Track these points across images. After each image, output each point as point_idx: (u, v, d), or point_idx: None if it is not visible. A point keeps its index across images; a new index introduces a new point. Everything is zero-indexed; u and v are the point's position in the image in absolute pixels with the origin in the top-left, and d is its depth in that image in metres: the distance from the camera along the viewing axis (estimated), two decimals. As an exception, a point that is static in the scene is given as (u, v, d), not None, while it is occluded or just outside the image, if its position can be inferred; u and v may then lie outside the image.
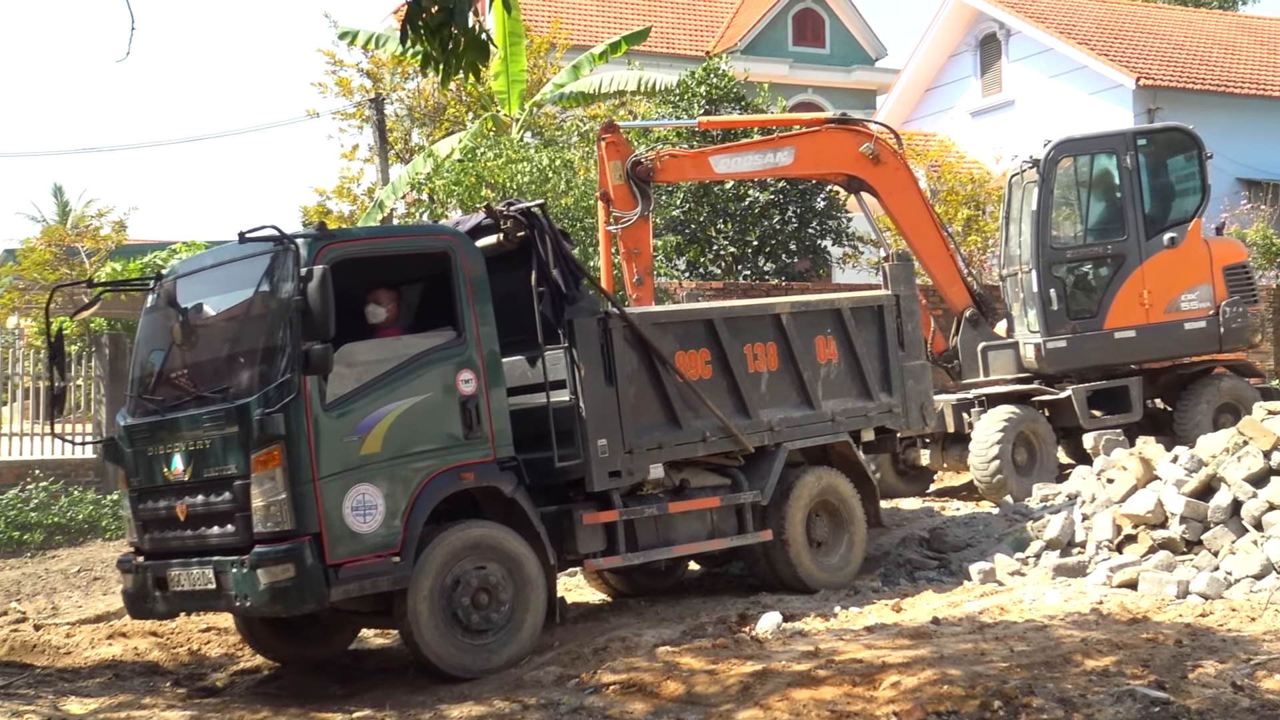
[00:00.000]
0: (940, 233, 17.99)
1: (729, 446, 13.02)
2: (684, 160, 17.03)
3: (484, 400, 11.01)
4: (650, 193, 16.10)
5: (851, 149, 17.19)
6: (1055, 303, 17.52)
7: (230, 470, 10.28)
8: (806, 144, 17.25)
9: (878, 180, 17.33)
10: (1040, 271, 17.58)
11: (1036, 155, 17.79)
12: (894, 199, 17.52)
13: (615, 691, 9.52)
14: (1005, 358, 17.93)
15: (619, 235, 15.75)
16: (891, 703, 8.30)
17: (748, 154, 17.13)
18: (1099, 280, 17.88)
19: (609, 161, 15.78)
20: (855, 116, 18.97)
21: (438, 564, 10.57)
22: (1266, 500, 12.24)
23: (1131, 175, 17.86)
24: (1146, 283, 17.72)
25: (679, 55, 39.84)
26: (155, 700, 11.03)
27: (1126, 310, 17.71)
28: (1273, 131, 33.00)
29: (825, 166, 17.66)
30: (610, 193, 15.73)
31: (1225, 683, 8.40)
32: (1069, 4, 37.93)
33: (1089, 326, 17.66)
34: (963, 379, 18.13)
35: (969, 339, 18.01)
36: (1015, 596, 12.19)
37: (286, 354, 10.08)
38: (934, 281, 18.16)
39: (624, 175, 15.74)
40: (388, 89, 32.59)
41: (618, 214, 15.73)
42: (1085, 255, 17.99)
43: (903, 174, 17.55)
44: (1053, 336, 17.50)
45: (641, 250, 15.80)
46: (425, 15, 8.58)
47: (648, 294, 15.69)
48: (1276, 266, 29.30)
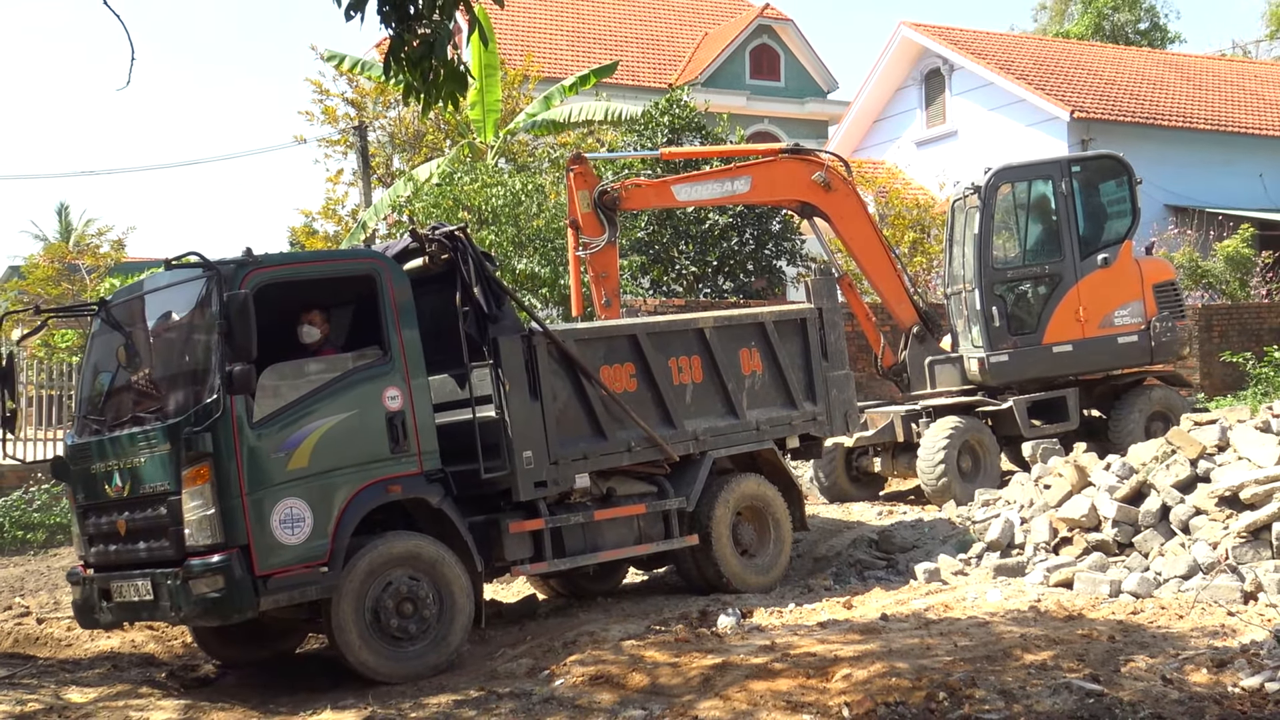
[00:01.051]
0: (888, 254, 18.03)
1: (655, 456, 12.92)
2: (647, 189, 17.04)
3: (410, 416, 10.87)
4: (616, 220, 16.07)
5: (804, 177, 17.20)
6: (997, 319, 17.56)
7: (164, 487, 10.20)
8: (762, 173, 17.27)
9: (829, 206, 17.35)
10: (983, 290, 17.61)
11: (978, 182, 17.84)
12: (844, 223, 17.54)
13: (584, 682, 9.49)
14: (950, 371, 17.97)
15: (588, 260, 15.70)
16: (843, 694, 8.28)
17: (707, 183, 17.10)
18: (1037, 298, 17.93)
19: (577, 191, 15.74)
20: (808, 146, 18.98)
21: (364, 574, 10.45)
22: (1193, 505, 12.27)
23: (1067, 200, 17.92)
24: (1082, 300, 17.77)
25: (644, 87, 39.83)
26: (151, 690, 10.99)
27: (1064, 326, 17.75)
28: (1198, 162, 33.20)
29: (780, 194, 17.67)
30: (579, 220, 15.70)
31: (1155, 676, 8.42)
32: (1008, 41, 38.22)
33: (1028, 341, 17.71)
34: (911, 391, 18.16)
35: (916, 353, 18.05)
36: (959, 595, 12.20)
37: (213, 375, 10.01)
38: (882, 299, 18.18)
39: (591, 204, 15.71)
40: (371, 117, 32.57)
41: (586, 240, 15.70)
42: (1024, 275, 18.04)
43: (852, 200, 17.57)
44: (995, 351, 17.54)
45: (609, 274, 15.76)
46: (407, 48, 8.55)
47: (615, 314, 15.63)
48: (1201, 287, 29.48)
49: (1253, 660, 8.64)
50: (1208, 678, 8.38)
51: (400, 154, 33.24)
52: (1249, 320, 26.83)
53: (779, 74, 45.20)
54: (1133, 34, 51.49)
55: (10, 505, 19.21)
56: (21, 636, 13.45)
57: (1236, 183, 33.44)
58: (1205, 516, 12.12)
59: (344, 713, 9.40)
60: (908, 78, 37.38)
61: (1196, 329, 25.39)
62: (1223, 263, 29.93)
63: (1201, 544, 11.83)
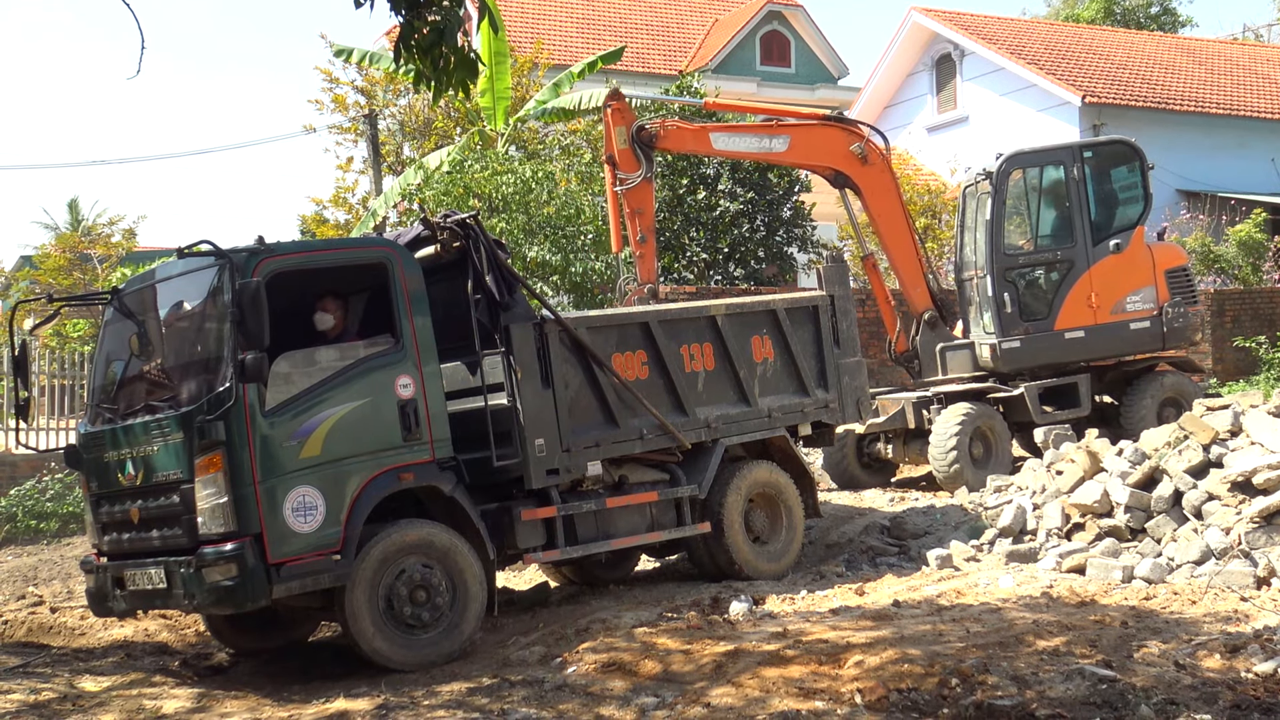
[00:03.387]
0: (913, 237, 17.99)
1: (667, 443, 12.92)
2: (685, 132, 16.93)
3: (422, 404, 10.88)
4: (653, 157, 16.13)
5: (842, 146, 17.24)
6: (1009, 306, 17.53)
7: (176, 475, 10.23)
8: (801, 135, 17.25)
9: (863, 179, 17.36)
10: (994, 277, 17.57)
11: (989, 167, 17.80)
12: (875, 198, 17.53)
13: (596, 670, 9.50)
14: (962, 357, 17.94)
15: (624, 196, 15.79)
16: (855, 680, 8.29)
17: (746, 136, 17.11)
18: (1049, 284, 17.89)
19: (614, 127, 15.83)
20: (850, 117, 18.84)
21: (377, 561, 10.48)
22: (1206, 491, 12.26)
23: (1078, 185, 17.86)
24: (1094, 286, 17.75)
25: (654, 74, 39.75)
26: (165, 679, 11.01)
27: (1076, 312, 17.74)
28: (1210, 146, 33.16)
29: (815, 159, 17.62)
30: (615, 156, 15.79)
31: (1168, 662, 8.42)
32: (1019, 26, 38.14)
33: (1040, 328, 17.67)
34: (921, 377, 18.13)
35: (928, 340, 18.02)
36: (971, 581, 12.20)
37: (225, 363, 10.03)
38: (900, 281, 18.13)
39: (628, 140, 15.80)
40: (381, 105, 32.51)
41: (623, 176, 15.78)
42: (1036, 261, 17.99)
43: (886, 177, 17.56)
44: (1007, 337, 17.51)
45: (644, 210, 15.89)
46: (417, 36, 8.54)
47: (650, 250, 15.74)
48: (1214, 272, 29.43)
49: (1266, 645, 8.64)
50: (1221, 663, 8.38)
51: (410, 142, 33.18)
52: (1261, 305, 26.78)
53: (789, 60, 45.12)
54: (1144, 18, 51.30)
55: (24, 494, 19.29)
56: (35, 626, 13.48)
57: (1249, 167, 33.39)
58: (1218, 502, 12.11)
59: (357, 701, 9.40)
60: (918, 63, 37.36)
61: (1209, 314, 25.36)
62: (1235, 247, 29.87)
63: (1214, 529, 11.82)
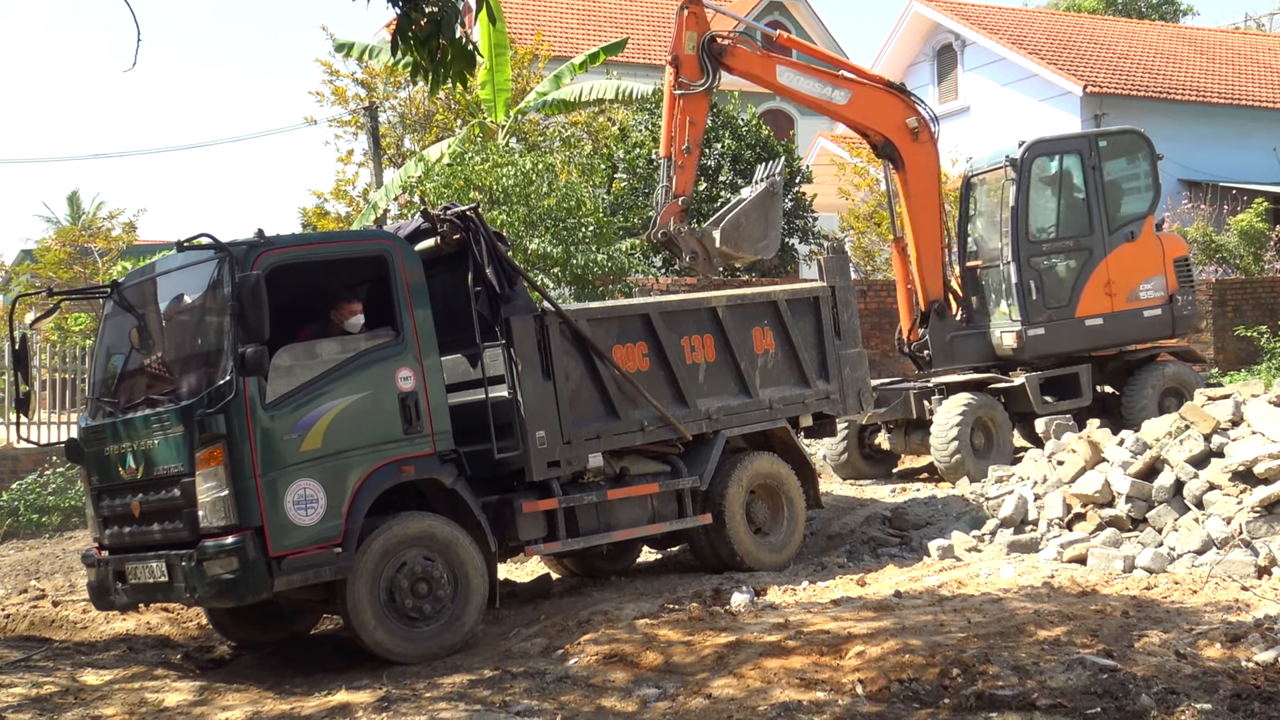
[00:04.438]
0: (941, 224, 17.92)
1: (668, 435, 12.93)
2: (754, 57, 16.73)
3: (423, 396, 10.88)
4: (718, 72, 16.04)
5: (899, 116, 17.23)
6: (1034, 293, 17.54)
7: (177, 468, 10.23)
8: (863, 94, 17.24)
9: (910, 155, 17.34)
10: (1020, 264, 17.59)
11: (1012, 154, 17.78)
12: (917, 178, 17.47)
13: (598, 661, 9.51)
14: (973, 345, 17.92)
15: (680, 102, 15.74)
16: (857, 671, 8.30)
17: (810, 78, 17.06)
18: (1069, 272, 17.89)
19: (686, 30, 15.77)
20: (912, 91, 18.70)
21: (378, 554, 10.48)
22: (1207, 480, 12.27)
23: (1095, 174, 17.91)
24: (1110, 274, 17.84)
25: (655, 65, 39.57)
26: (167, 672, 11.04)
27: (1094, 300, 17.81)
28: (1212, 136, 33.08)
29: (871, 121, 17.47)
30: (680, 59, 15.74)
31: (1169, 651, 8.41)
32: (1020, 16, 38.08)
33: (1062, 315, 17.70)
34: (933, 367, 18.02)
35: (938, 329, 17.92)
36: (972, 571, 12.21)
37: (226, 357, 10.03)
38: (919, 265, 17.91)
39: (697, 47, 15.74)
40: (381, 98, 32.53)
41: (685, 80, 15.74)
42: (1057, 249, 17.97)
43: (932, 158, 17.52)
44: (1032, 324, 17.54)
45: (697, 120, 15.85)
46: (415, 27, 8.53)
47: (691, 163, 15.75)
48: (1215, 262, 29.41)
49: (1267, 635, 8.63)
50: (1222, 652, 8.37)
51: (411, 134, 33.22)
52: (1263, 295, 26.75)
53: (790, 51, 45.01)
54: (1145, 7, 51.27)
55: (25, 488, 19.29)
56: (37, 619, 13.51)
57: (1251, 157, 33.31)
58: (1219, 491, 12.12)
59: (359, 693, 9.42)
60: (920, 54, 37.25)
61: (1210, 304, 25.37)
62: (1237, 237, 29.84)
63: (1215, 519, 11.82)
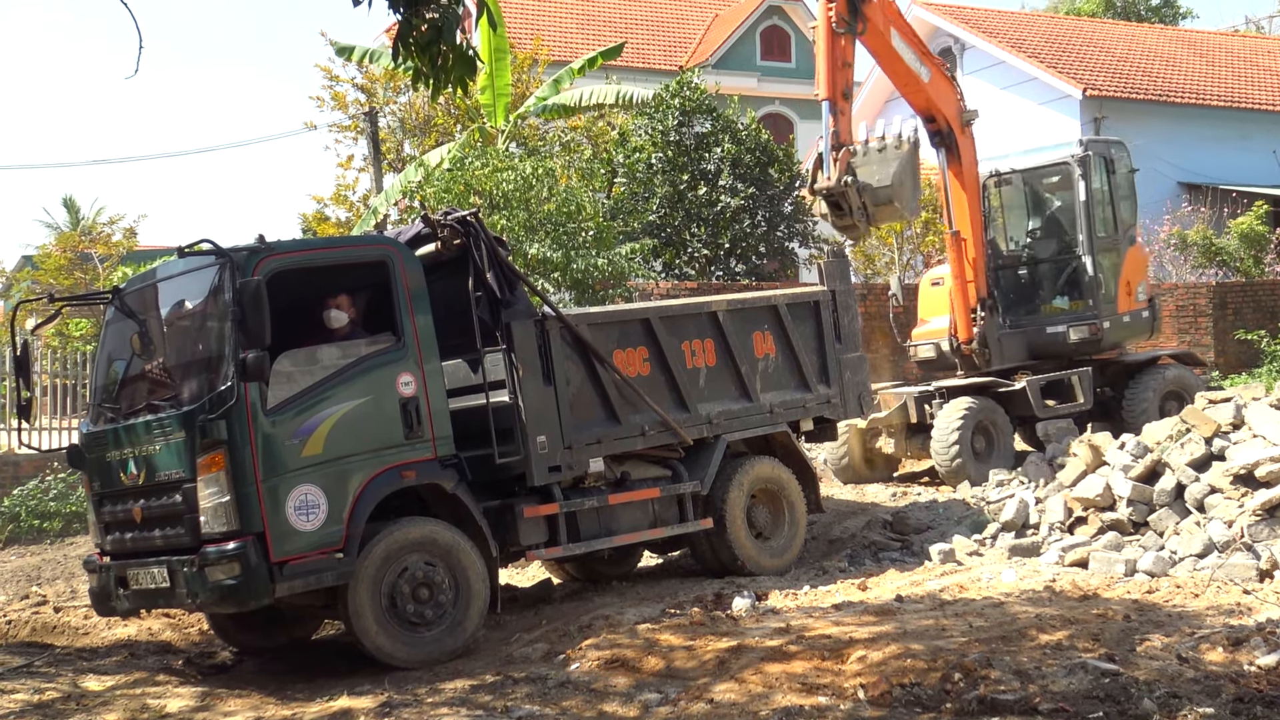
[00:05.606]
0: (981, 218, 18.01)
1: (668, 439, 12.92)
2: (890, 7, 16.79)
3: (424, 401, 10.87)
4: (859, 20, 16.01)
5: (957, 104, 17.46)
6: (1104, 287, 17.87)
7: (179, 474, 10.22)
8: (940, 77, 17.43)
9: (963, 144, 17.54)
10: (1094, 257, 17.84)
11: (1076, 152, 18.04)
12: (969, 169, 17.63)
13: (599, 666, 9.51)
14: (1018, 342, 17.95)
15: (839, 41, 15.80)
16: (858, 675, 8.30)
17: (909, 49, 17.07)
18: (1113, 269, 18.17)
19: None
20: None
21: (379, 559, 10.48)
22: (1208, 484, 12.28)
23: (1126, 176, 18.29)
24: (1127, 274, 18.20)
25: (654, 70, 39.80)
26: (168, 677, 11.01)
27: (1124, 297, 18.16)
28: (1211, 138, 33.16)
29: (940, 103, 17.54)
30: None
31: (1171, 655, 8.42)
32: (1020, 19, 38.16)
33: (1112, 310, 18.04)
34: (992, 365, 17.85)
35: (991, 326, 17.74)
36: (973, 575, 12.21)
37: (227, 362, 10.01)
38: (973, 263, 17.77)
39: None
40: (381, 103, 32.54)
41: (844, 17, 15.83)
42: (1109, 245, 18.20)
43: (974, 151, 17.71)
44: (1105, 317, 17.82)
45: (850, 64, 16.00)
46: (416, 33, 8.53)
47: (849, 109, 15.89)
48: (1215, 264, 29.42)
49: (1269, 638, 8.64)
50: (1224, 656, 8.38)
51: (411, 139, 33.23)
52: (1263, 297, 26.77)
53: (790, 55, 45.12)
54: (1144, 10, 51.36)
55: (27, 494, 19.28)
56: (39, 625, 13.49)
57: (1250, 159, 33.37)
58: (1220, 495, 12.12)
59: (360, 698, 9.42)
60: (919, 57, 37.27)
61: (1210, 307, 25.40)
62: (1237, 240, 29.88)
63: (1217, 522, 11.83)
